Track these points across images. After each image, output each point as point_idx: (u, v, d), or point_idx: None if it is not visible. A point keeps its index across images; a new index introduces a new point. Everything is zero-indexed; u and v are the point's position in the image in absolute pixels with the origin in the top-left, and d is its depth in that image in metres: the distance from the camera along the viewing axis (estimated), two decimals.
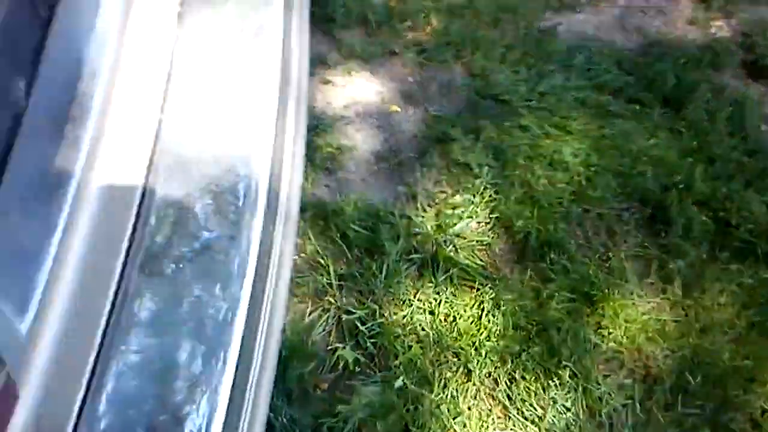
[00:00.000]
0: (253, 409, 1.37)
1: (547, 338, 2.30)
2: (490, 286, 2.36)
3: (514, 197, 2.55)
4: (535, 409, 2.20)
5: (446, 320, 2.28)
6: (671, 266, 2.51)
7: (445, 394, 2.18)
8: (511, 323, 2.30)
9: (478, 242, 2.45)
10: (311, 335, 2.17)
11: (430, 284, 2.33)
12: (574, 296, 2.40)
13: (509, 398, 2.20)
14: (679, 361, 2.33)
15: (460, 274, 2.36)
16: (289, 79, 1.74)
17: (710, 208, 2.66)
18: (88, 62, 1.51)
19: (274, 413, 2.05)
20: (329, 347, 2.17)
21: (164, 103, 1.59)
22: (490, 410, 2.20)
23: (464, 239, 2.44)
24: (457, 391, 2.19)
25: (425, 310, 2.28)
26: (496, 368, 2.24)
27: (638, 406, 2.24)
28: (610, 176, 2.68)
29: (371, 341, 2.19)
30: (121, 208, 1.46)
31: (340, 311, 2.23)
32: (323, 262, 2.30)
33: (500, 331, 2.28)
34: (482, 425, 2.14)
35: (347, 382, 2.14)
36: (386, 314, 2.25)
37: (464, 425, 2.13)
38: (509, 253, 2.47)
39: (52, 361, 1.24)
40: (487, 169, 2.60)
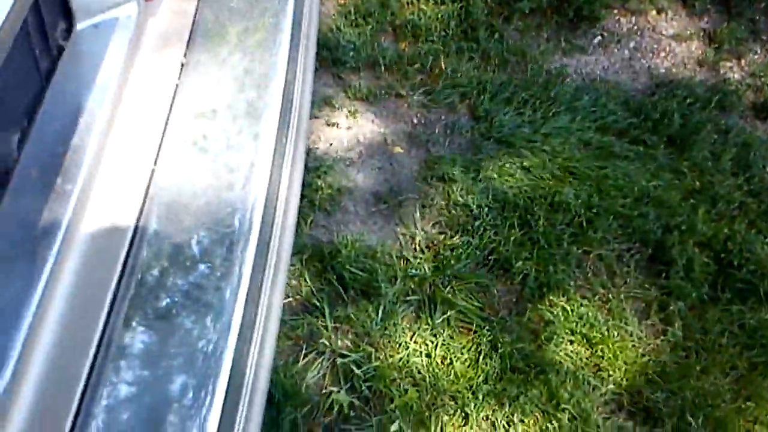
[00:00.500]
0: None
1: (545, 381, 2.31)
2: (487, 328, 2.37)
3: (513, 238, 2.56)
4: None
5: (443, 363, 2.29)
6: (672, 307, 2.51)
7: None
8: (509, 366, 2.31)
9: (476, 284, 2.46)
10: (305, 378, 2.20)
11: (426, 326, 2.35)
12: (573, 338, 2.41)
13: None
14: (680, 402, 2.33)
15: (457, 316, 2.38)
16: (288, 123, 1.77)
17: (712, 248, 2.65)
18: (84, 114, 1.54)
19: None
20: (324, 391, 2.20)
21: (158, 154, 1.63)
22: None
23: (462, 281, 2.45)
24: None
25: (422, 352, 2.30)
26: (493, 411, 2.25)
27: None
28: (611, 217, 2.69)
29: (366, 385, 2.21)
30: (108, 253, 1.48)
31: (334, 354, 2.25)
32: (318, 304, 2.33)
33: (498, 373, 2.29)
34: None
35: (342, 426, 2.16)
36: (382, 357, 2.27)
37: None
38: (507, 294, 2.49)
39: (31, 418, 1.26)
40: (486, 210, 2.62)
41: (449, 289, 2.42)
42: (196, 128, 1.65)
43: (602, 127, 3.03)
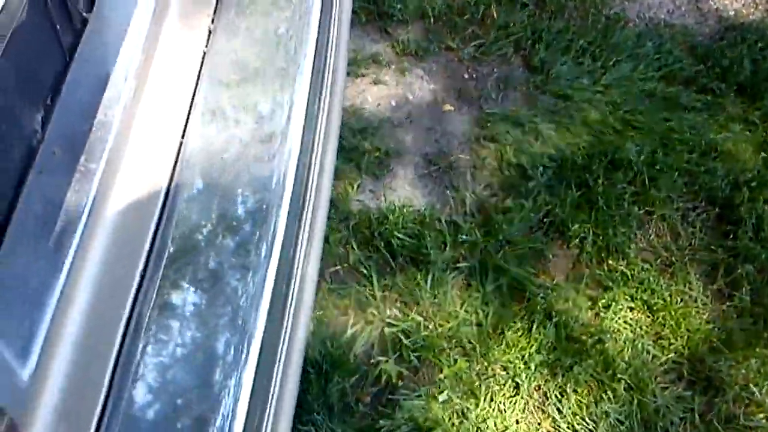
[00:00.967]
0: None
1: (601, 350, 2.21)
2: (541, 295, 2.27)
3: (569, 200, 2.44)
4: (586, 423, 2.13)
5: (494, 332, 2.21)
6: (739, 270, 2.37)
7: (491, 407, 2.12)
8: (563, 335, 2.22)
9: (530, 249, 2.36)
10: (353, 348, 2.14)
11: (477, 294, 2.26)
12: (632, 305, 2.30)
13: (559, 411, 2.13)
14: (743, 372, 2.21)
15: (510, 283, 2.29)
16: (321, 89, 1.67)
17: None
18: (109, 89, 1.49)
19: (315, 427, 2.03)
20: (372, 360, 2.14)
21: (186, 126, 1.58)
22: (539, 424, 2.13)
23: (515, 246, 2.35)
24: (504, 405, 2.13)
25: (472, 322, 2.22)
26: (546, 381, 2.16)
27: (698, 417, 2.14)
28: (675, 174, 2.54)
29: (415, 354, 2.14)
30: (136, 231, 1.43)
31: (383, 323, 2.19)
32: (366, 272, 2.26)
33: (551, 343, 2.20)
34: None
35: (390, 396, 2.11)
36: (431, 326, 2.19)
37: None
38: (563, 259, 2.38)
39: (57, 408, 1.23)
40: (541, 170, 2.50)
41: (501, 254, 2.32)
42: (224, 97, 1.58)
43: (667, 75, 2.86)
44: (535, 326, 2.21)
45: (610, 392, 2.15)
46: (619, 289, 2.30)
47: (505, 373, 2.16)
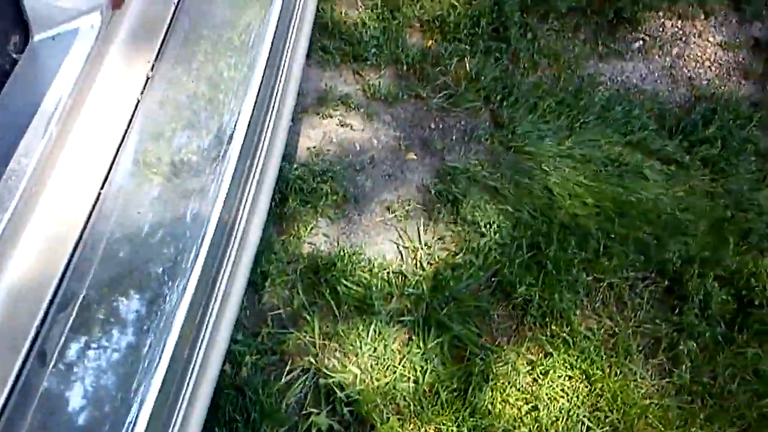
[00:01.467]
0: None
1: (536, 418, 2.20)
2: (482, 356, 2.26)
3: (519, 261, 2.44)
4: None
5: (430, 392, 2.20)
6: (681, 347, 2.37)
7: None
8: (499, 399, 2.21)
9: (475, 307, 2.35)
10: (286, 397, 2.13)
11: (418, 350, 2.25)
12: (571, 374, 2.29)
13: None
14: None
15: (451, 341, 2.28)
16: (257, 148, 1.66)
17: (733, 284, 2.50)
18: (27, 136, 1.44)
19: None
20: (304, 411, 2.12)
21: (107, 177, 1.50)
22: None
23: (461, 303, 2.35)
24: None
25: (409, 378, 2.21)
26: None
27: None
28: (629, 245, 2.55)
29: (348, 409, 2.13)
30: (39, 284, 1.38)
31: (319, 373, 2.17)
32: (309, 318, 2.25)
33: (487, 407, 2.19)
34: None
35: None
36: (367, 380, 2.18)
37: None
38: (507, 321, 2.38)
39: None
40: (495, 228, 2.50)
41: (446, 311, 2.32)
42: (152, 149, 1.54)
43: (633, 142, 2.88)
44: (471, 388, 2.20)
45: None
46: (559, 355, 2.30)
47: None
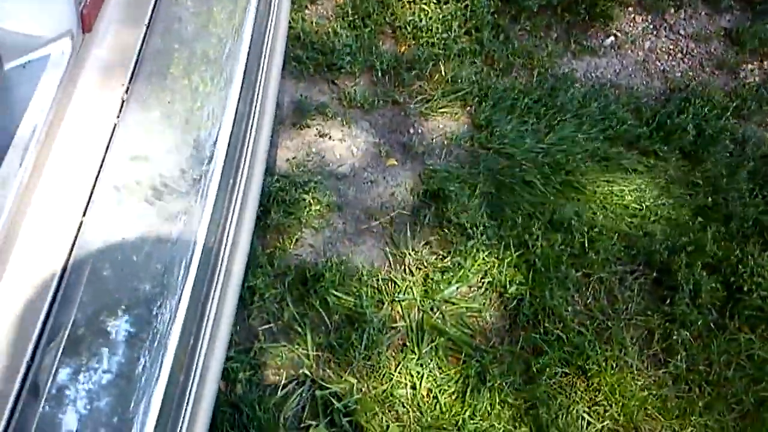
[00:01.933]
0: None
1: (536, 416, 2.19)
2: (477, 358, 2.25)
3: (508, 260, 2.43)
4: None
5: (428, 396, 2.18)
6: (675, 336, 2.37)
7: None
8: (497, 400, 2.19)
9: (467, 309, 2.34)
10: (283, 411, 2.09)
11: (412, 356, 2.23)
12: (567, 370, 2.28)
13: None
14: None
15: (445, 344, 2.26)
16: (237, 166, 1.63)
17: (721, 272, 2.51)
18: (5, 165, 1.39)
19: None
20: (302, 425, 2.09)
21: (88, 205, 1.46)
22: None
23: (453, 306, 2.33)
24: None
25: (406, 384, 2.19)
26: None
27: None
28: (614, 237, 2.55)
29: (346, 419, 2.10)
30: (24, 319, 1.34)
31: (315, 385, 2.14)
32: (301, 330, 2.22)
33: (486, 408, 2.18)
34: None
35: None
36: (364, 389, 2.16)
37: None
38: (500, 320, 2.36)
39: None
40: (482, 229, 2.49)
41: (438, 315, 2.30)
42: (132, 172, 1.50)
43: (611, 137, 2.89)
44: (469, 390, 2.19)
45: None
46: (554, 353, 2.29)
47: None
